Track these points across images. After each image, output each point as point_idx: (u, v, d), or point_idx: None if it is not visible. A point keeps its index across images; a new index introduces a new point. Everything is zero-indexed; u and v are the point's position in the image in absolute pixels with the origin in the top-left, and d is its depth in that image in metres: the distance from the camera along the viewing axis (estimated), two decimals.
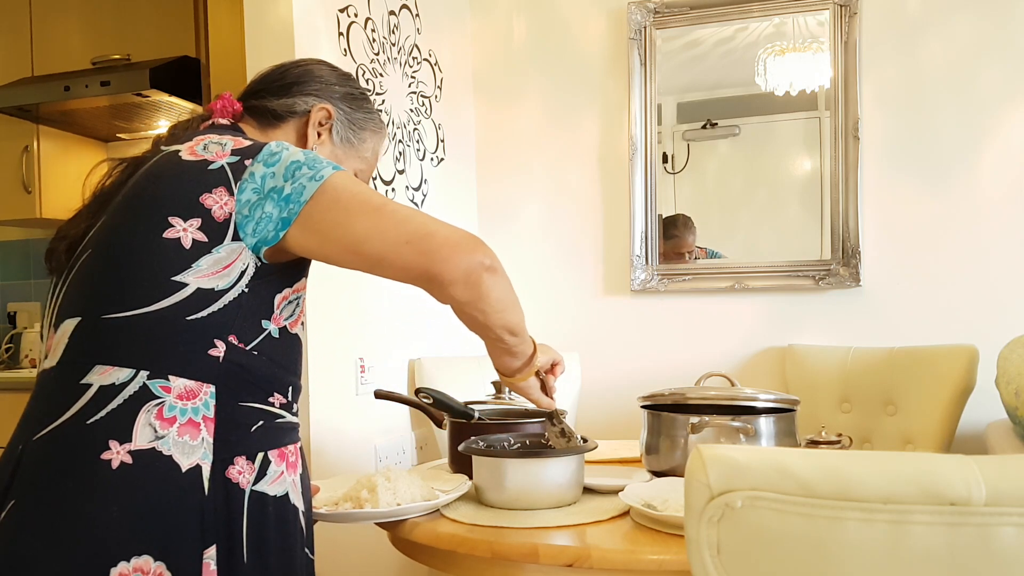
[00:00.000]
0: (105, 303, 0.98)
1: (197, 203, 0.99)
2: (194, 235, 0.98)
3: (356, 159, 1.27)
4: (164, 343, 0.96)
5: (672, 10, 2.54)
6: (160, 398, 0.95)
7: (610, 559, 1.13)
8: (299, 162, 1.00)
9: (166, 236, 0.98)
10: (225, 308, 0.99)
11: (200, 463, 0.96)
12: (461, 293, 1.01)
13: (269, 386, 1.04)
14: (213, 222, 0.98)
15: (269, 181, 0.99)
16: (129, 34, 2.82)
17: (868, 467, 0.68)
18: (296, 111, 1.20)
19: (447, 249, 0.97)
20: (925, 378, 2.13)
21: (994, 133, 2.31)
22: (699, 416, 1.44)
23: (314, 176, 0.99)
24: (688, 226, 2.58)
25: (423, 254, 0.98)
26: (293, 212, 0.98)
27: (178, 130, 1.18)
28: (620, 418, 2.57)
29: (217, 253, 0.98)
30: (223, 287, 0.99)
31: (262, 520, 1.01)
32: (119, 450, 0.92)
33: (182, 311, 0.97)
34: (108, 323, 0.97)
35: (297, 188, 0.98)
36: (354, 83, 1.29)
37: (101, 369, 0.96)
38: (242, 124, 1.20)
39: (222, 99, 1.21)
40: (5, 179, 2.97)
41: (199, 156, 1.03)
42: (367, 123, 1.27)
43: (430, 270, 0.98)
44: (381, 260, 0.99)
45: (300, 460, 1.10)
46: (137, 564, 0.90)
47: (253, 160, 1.01)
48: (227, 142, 1.04)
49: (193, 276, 0.97)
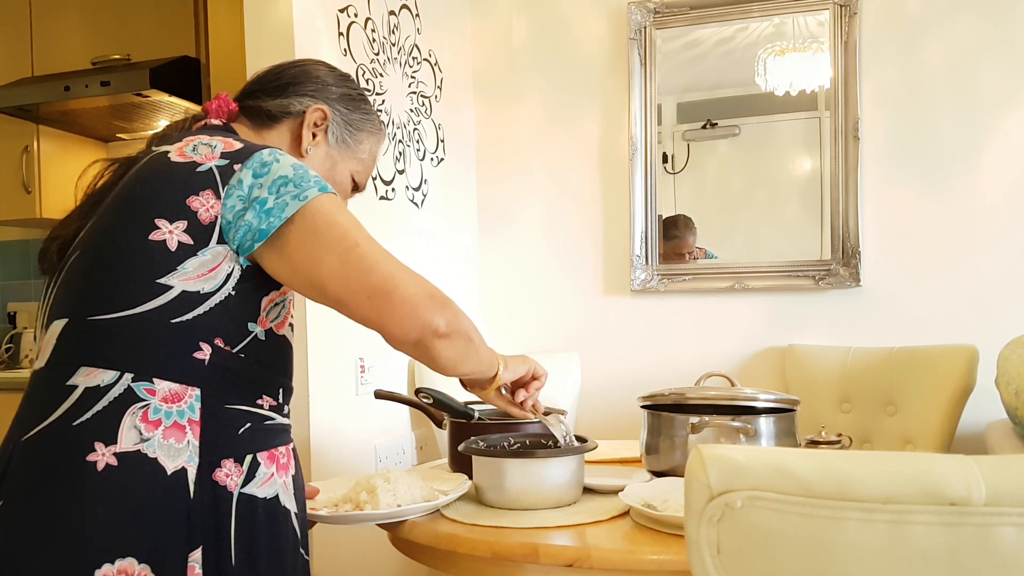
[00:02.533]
0: (92, 304, 0.98)
1: (184, 205, 0.98)
2: (180, 237, 0.98)
3: (352, 160, 1.26)
4: (149, 345, 0.96)
5: (672, 10, 2.54)
6: (145, 401, 0.95)
7: (610, 559, 1.13)
8: (287, 177, 1.00)
9: (152, 238, 0.97)
10: (211, 311, 0.98)
11: (186, 466, 0.95)
12: (410, 352, 1.04)
13: (257, 388, 1.04)
14: (199, 225, 0.98)
15: (255, 191, 0.99)
16: (129, 34, 2.81)
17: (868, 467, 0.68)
18: (291, 111, 1.20)
19: (402, 311, 0.98)
20: (925, 378, 2.13)
21: (994, 133, 2.31)
22: (699, 416, 1.44)
23: (298, 195, 0.99)
24: (689, 227, 2.58)
25: (379, 313, 0.99)
26: (272, 226, 0.97)
27: (172, 130, 1.18)
28: (620, 418, 2.57)
29: (203, 256, 0.98)
30: (209, 290, 0.98)
31: (251, 522, 1.01)
32: (104, 452, 0.92)
33: (167, 314, 0.96)
34: (94, 324, 0.97)
35: (279, 204, 0.98)
36: (352, 83, 1.28)
37: (86, 371, 0.96)
38: (236, 124, 1.19)
39: (218, 99, 1.20)
40: (5, 179, 2.97)
41: (188, 157, 1.02)
42: (364, 124, 1.27)
43: (383, 328, 1.00)
44: (341, 305, 1.01)
45: (293, 461, 1.09)
46: (121, 566, 0.90)
47: (243, 166, 1.01)
48: (217, 144, 1.04)
49: (178, 279, 0.97)
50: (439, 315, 1.00)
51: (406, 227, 2.32)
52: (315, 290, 1.01)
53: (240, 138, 1.09)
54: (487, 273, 2.79)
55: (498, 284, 2.78)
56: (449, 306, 1.03)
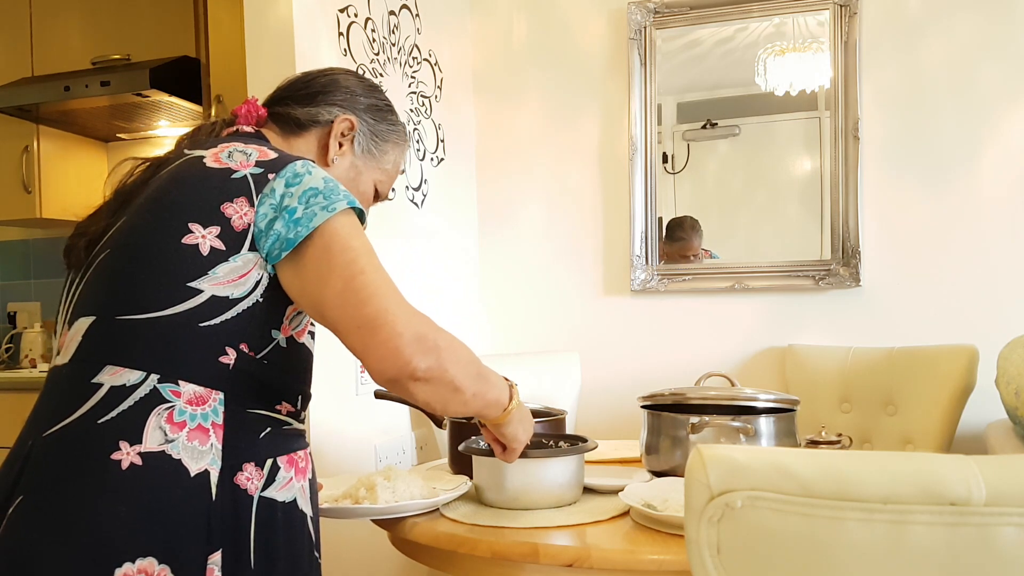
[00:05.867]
0: (120, 304, 0.98)
1: (218, 211, 0.99)
2: (212, 243, 0.98)
3: (376, 170, 1.27)
4: (176, 348, 0.97)
5: (672, 10, 2.54)
6: (170, 402, 0.95)
7: (610, 559, 1.13)
8: (317, 189, 1.01)
9: (184, 241, 0.98)
10: (238, 317, 0.99)
11: (208, 468, 0.96)
12: (388, 388, 1.02)
13: (277, 395, 1.05)
14: (232, 231, 0.99)
15: (286, 200, 1.00)
16: (129, 34, 2.81)
17: (868, 467, 0.68)
18: (319, 121, 1.21)
19: (385, 348, 0.96)
20: (925, 378, 2.13)
21: (994, 133, 2.31)
22: (699, 416, 1.44)
23: (327, 207, 0.99)
24: (696, 229, 2.57)
25: (364, 345, 0.98)
26: (299, 235, 0.98)
27: (201, 134, 1.18)
28: (620, 418, 2.57)
29: (234, 262, 0.99)
30: (238, 296, 0.99)
31: (271, 526, 1.01)
32: (129, 451, 0.93)
33: (195, 317, 0.97)
34: (122, 324, 0.97)
35: (308, 214, 0.99)
36: (380, 94, 1.29)
37: (112, 369, 0.96)
38: (265, 131, 1.20)
39: (247, 104, 1.21)
40: (5, 179, 2.97)
41: (223, 164, 1.03)
42: (390, 135, 1.28)
43: (365, 360, 0.99)
44: (335, 330, 1.00)
45: (310, 466, 1.11)
46: (141, 565, 0.90)
47: (276, 175, 1.02)
48: (252, 152, 1.05)
49: (208, 283, 0.98)
50: (422, 359, 0.97)
51: (406, 227, 2.32)
52: (316, 311, 1.01)
53: (274, 147, 1.10)
54: (487, 273, 2.79)
55: (498, 284, 2.78)
56: (438, 352, 0.99)
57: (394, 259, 2.24)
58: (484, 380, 1.12)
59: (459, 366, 1.03)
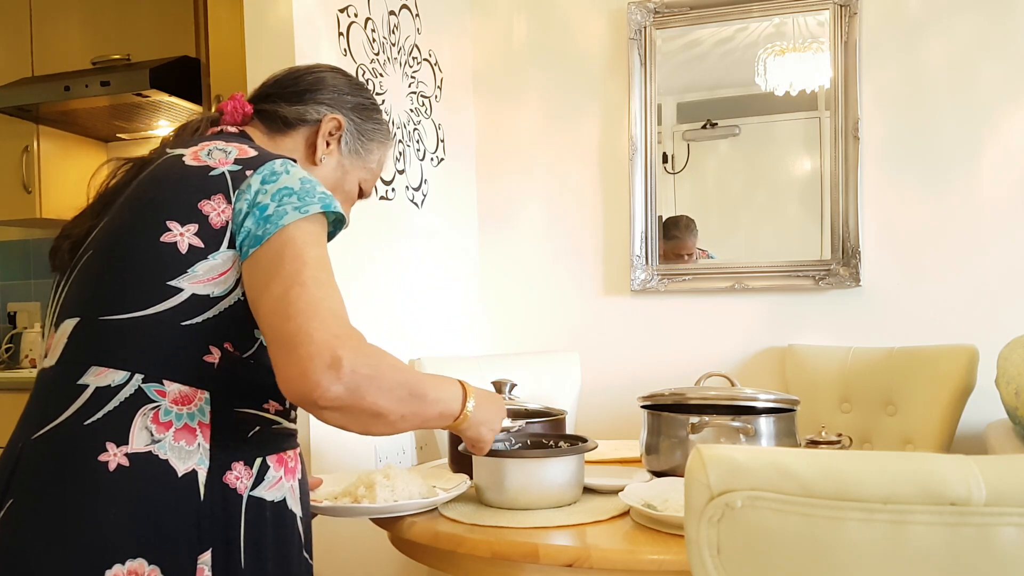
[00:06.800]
0: (104, 304, 0.98)
1: (195, 209, 0.99)
2: (191, 240, 0.98)
3: (362, 169, 1.27)
4: (159, 347, 0.96)
5: (672, 10, 2.54)
6: (156, 402, 0.95)
7: (610, 559, 1.13)
8: (292, 189, 0.99)
9: (163, 240, 0.98)
10: (221, 315, 0.98)
11: (196, 468, 0.96)
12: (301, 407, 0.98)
13: (265, 394, 1.04)
14: (210, 228, 0.98)
15: (260, 197, 0.99)
16: (129, 34, 2.82)
17: (868, 467, 0.68)
18: (307, 119, 1.20)
19: (294, 369, 0.91)
20: (925, 378, 2.13)
21: (994, 133, 2.31)
22: (699, 416, 1.44)
23: (300, 207, 0.98)
24: (690, 228, 2.57)
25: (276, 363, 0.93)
26: (268, 232, 0.96)
27: (186, 132, 1.18)
28: (620, 418, 2.57)
29: (212, 260, 0.98)
30: (219, 294, 0.98)
31: (260, 525, 1.01)
32: (116, 452, 0.92)
33: (178, 316, 0.97)
34: (106, 324, 0.97)
35: (279, 212, 0.97)
36: (366, 93, 1.29)
37: (97, 370, 0.96)
38: (250, 129, 1.19)
39: (233, 100, 1.20)
40: (5, 179, 2.97)
41: (202, 161, 1.03)
42: (375, 134, 1.28)
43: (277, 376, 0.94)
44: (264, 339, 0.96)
45: (300, 466, 1.10)
46: (132, 567, 0.90)
47: (254, 172, 1.01)
48: (232, 150, 1.04)
49: (188, 281, 0.97)
50: (331, 385, 0.90)
51: (406, 227, 2.32)
52: (255, 314, 0.96)
53: (255, 145, 1.09)
54: (487, 273, 2.79)
55: (498, 284, 2.78)
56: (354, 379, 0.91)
57: (394, 259, 2.24)
58: (419, 399, 1.04)
59: (381, 392, 0.96)
